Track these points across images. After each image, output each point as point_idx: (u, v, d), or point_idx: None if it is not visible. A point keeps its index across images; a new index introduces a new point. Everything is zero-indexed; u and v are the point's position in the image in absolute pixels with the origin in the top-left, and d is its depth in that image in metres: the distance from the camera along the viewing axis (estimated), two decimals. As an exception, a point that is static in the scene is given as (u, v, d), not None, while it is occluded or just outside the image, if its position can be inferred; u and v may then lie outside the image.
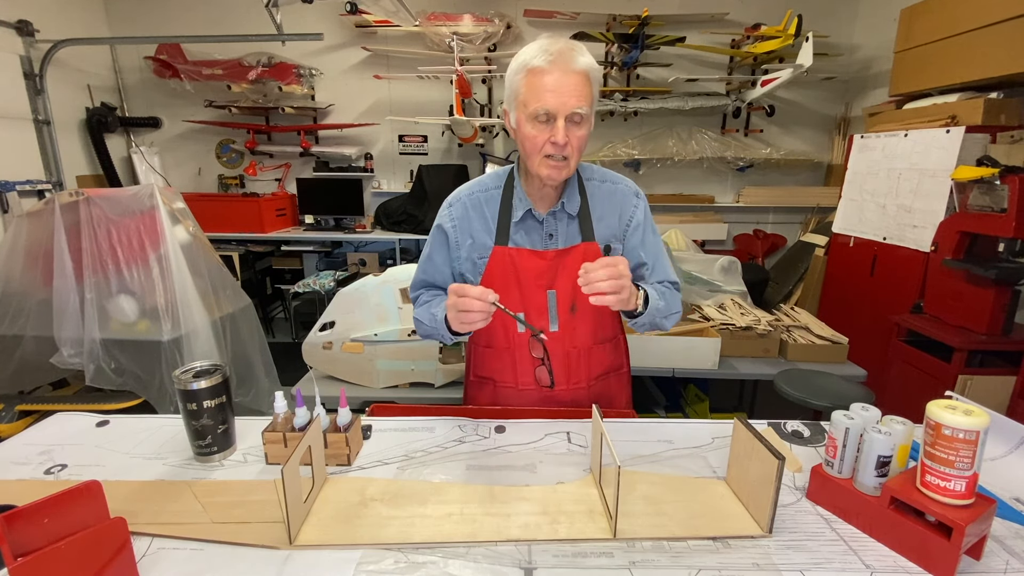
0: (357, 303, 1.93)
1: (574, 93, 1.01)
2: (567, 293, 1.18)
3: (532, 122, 1.05)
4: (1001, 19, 2.44)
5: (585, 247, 1.17)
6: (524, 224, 1.18)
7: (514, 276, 1.17)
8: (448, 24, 3.94)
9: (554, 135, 1.03)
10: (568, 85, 1.01)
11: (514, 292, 1.18)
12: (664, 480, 0.94)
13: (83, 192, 2.12)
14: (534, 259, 1.17)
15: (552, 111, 1.02)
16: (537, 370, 1.22)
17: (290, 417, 1.00)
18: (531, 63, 1.03)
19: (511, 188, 1.20)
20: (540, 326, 1.19)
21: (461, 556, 0.75)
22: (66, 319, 2.12)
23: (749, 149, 4.25)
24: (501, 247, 1.17)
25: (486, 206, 1.20)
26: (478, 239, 1.19)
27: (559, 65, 1.01)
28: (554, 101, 1.01)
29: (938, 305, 2.49)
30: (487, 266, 1.18)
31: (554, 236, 1.18)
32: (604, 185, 1.22)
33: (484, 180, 1.24)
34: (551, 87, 1.01)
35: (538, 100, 1.02)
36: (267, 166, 4.53)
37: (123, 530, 0.69)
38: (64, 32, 3.49)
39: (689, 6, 3.98)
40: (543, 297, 1.19)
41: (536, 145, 1.06)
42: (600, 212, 1.20)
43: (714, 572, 0.72)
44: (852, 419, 0.82)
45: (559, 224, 1.18)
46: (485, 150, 4.37)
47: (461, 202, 1.22)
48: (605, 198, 1.21)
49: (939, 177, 2.54)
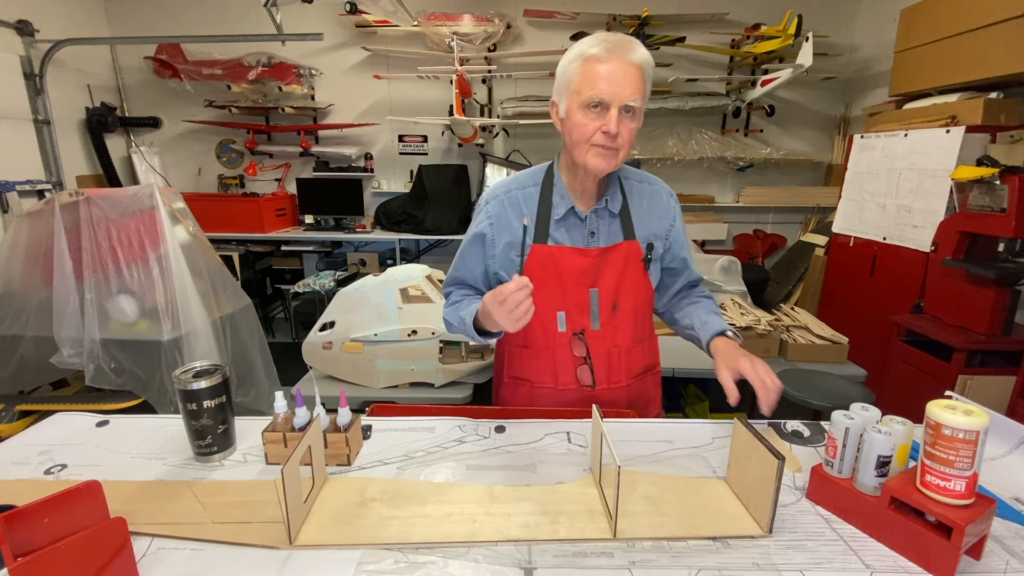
0: (357, 303, 1.93)
1: (629, 84, 1.00)
2: (610, 291, 1.17)
3: (584, 110, 1.03)
4: (1001, 19, 2.43)
5: (627, 246, 1.17)
6: (565, 222, 1.17)
7: (555, 274, 1.16)
8: (448, 24, 3.94)
9: (606, 124, 1.01)
10: (624, 75, 1.00)
11: (555, 290, 1.17)
12: (664, 480, 0.94)
13: (83, 192, 2.12)
14: (577, 257, 1.16)
15: (606, 100, 1.00)
16: (579, 369, 1.21)
17: (290, 417, 1.00)
18: (588, 51, 1.02)
19: (550, 185, 1.18)
20: (582, 325, 1.18)
21: (461, 556, 0.75)
22: (66, 319, 2.12)
23: (749, 149, 4.25)
24: (541, 245, 1.16)
25: (524, 204, 1.18)
26: (516, 237, 1.17)
27: (616, 55, 1.00)
28: (609, 90, 1.00)
29: (938, 305, 2.49)
30: (525, 264, 1.16)
31: (596, 234, 1.17)
32: (643, 185, 1.22)
33: (521, 178, 1.22)
34: (606, 75, 1.00)
35: (592, 87, 1.01)
36: (267, 166, 4.53)
37: (123, 530, 0.69)
38: (64, 32, 3.49)
39: (689, 6, 3.98)
40: (585, 295, 1.18)
41: (585, 134, 1.04)
42: (639, 211, 1.20)
43: (714, 572, 0.72)
44: (852, 419, 0.82)
45: (601, 222, 1.17)
46: (485, 150, 4.37)
47: (498, 199, 1.20)
48: (644, 197, 1.21)
49: (939, 177, 2.54)
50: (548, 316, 1.18)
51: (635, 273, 1.19)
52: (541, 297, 1.11)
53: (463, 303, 1.19)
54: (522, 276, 0.95)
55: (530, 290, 0.95)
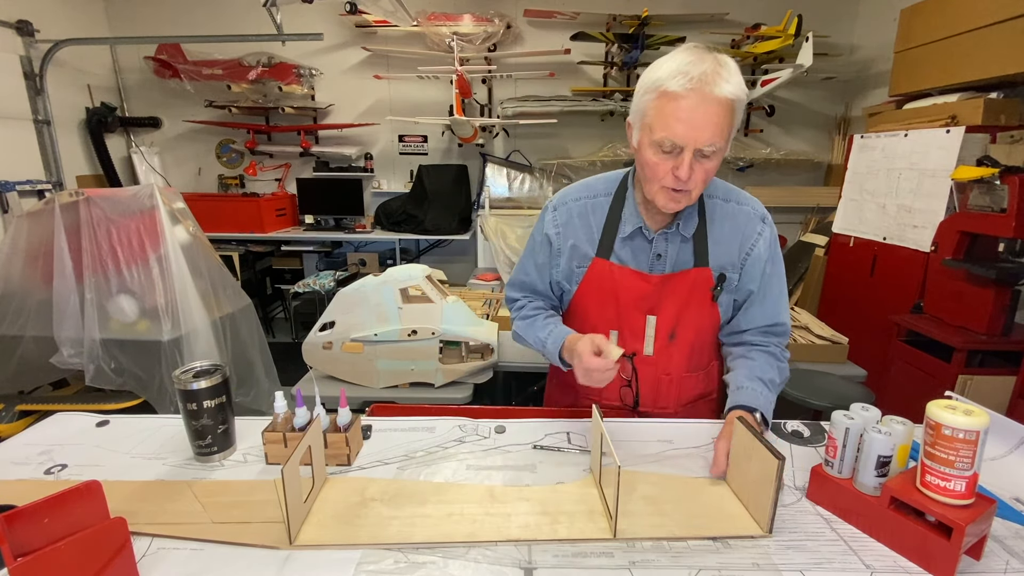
0: (357, 303, 1.93)
1: (709, 126, 0.88)
2: (668, 319, 1.11)
3: (655, 149, 0.93)
4: (1001, 19, 2.43)
5: (696, 273, 1.08)
6: (632, 241, 1.09)
7: (612, 294, 1.11)
8: (448, 24, 3.94)
9: (677, 168, 0.91)
10: (704, 116, 0.88)
11: (610, 310, 1.12)
12: (664, 480, 0.94)
13: (83, 192, 2.12)
14: (637, 281, 1.09)
15: (680, 143, 0.90)
16: (622, 389, 1.17)
17: (290, 417, 1.00)
18: (665, 85, 0.89)
19: (622, 199, 1.10)
20: (634, 348, 1.13)
21: (461, 556, 0.75)
22: (66, 319, 2.13)
23: (749, 149, 4.25)
24: (602, 260, 1.10)
25: (592, 214, 1.11)
26: (580, 247, 1.11)
27: (698, 92, 0.87)
28: (684, 133, 0.89)
29: (938, 305, 2.49)
30: (584, 277, 1.12)
31: (662, 257, 1.09)
32: (728, 205, 1.10)
33: (593, 184, 1.15)
34: (684, 116, 0.88)
35: (665, 129, 0.90)
36: (267, 166, 4.53)
37: (123, 530, 0.69)
38: (64, 32, 3.49)
39: (689, 6, 3.98)
40: (641, 321, 1.11)
41: (656, 174, 0.95)
42: (718, 235, 1.08)
43: (714, 572, 0.72)
44: (852, 419, 0.82)
45: (670, 246, 1.08)
46: (485, 150, 4.37)
47: (567, 207, 1.13)
48: (726, 220, 1.09)
49: (939, 177, 2.54)
50: (601, 332, 1.09)
51: (700, 303, 1.10)
52: (595, 313, 1.07)
53: (538, 320, 1.15)
54: (616, 351, 0.92)
55: (616, 369, 0.93)
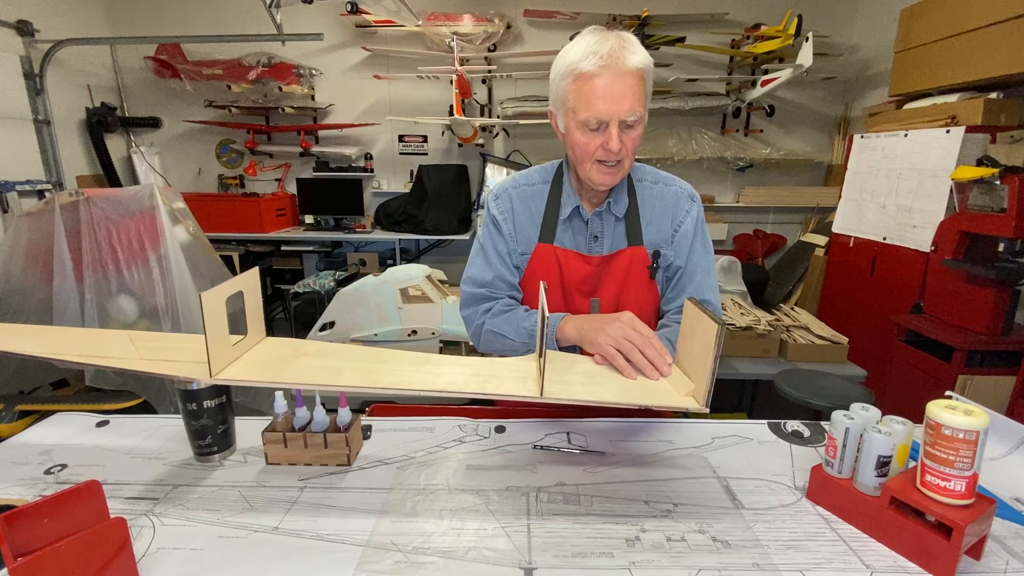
0: (357, 303, 1.93)
1: (628, 97, 0.93)
2: (611, 301, 1.13)
3: (583, 129, 0.98)
4: (1001, 19, 2.43)
5: (632, 252, 1.11)
6: (571, 223, 1.12)
7: (558, 278, 1.12)
8: (448, 24, 3.94)
9: (607, 142, 0.96)
10: (622, 89, 0.93)
11: (557, 295, 1.13)
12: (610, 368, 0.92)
13: (83, 192, 2.12)
14: (579, 263, 1.11)
15: (604, 119, 0.94)
16: None
17: (290, 417, 1.00)
18: (579, 67, 0.94)
19: (559, 185, 1.13)
20: None
21: (461, 556, 0.75)
22: (66, 319, 2.13)
23: (749, 149, 4.25)
24: (546, 244, 1.11)
25: (532, 201, 1.14)
26: (523, 234, 1.14)
27: (610, 68, 0.92)
28: (607, 108, 0.93)
29: (938, 305, 2.49)
30: (529, 264, 1.13)
31: (599, 238, 1.12)
32: (656, 186, 1.14)
33: (530, 174, 1.18)
34: (602, 93, 0.93)
35: (589, 108, 0.94)
36: (267, 166, 4.53)
37: (123, 530, 0.69)
38: (64, 32, 3.49)
39: (689, 6, 3.98)
40: (585, 305, 1.13)
41: (587, 152, 1.00)
42: (650, 215, 1.12)
43: (714, 572, 0.72)
44: (852, 419, 0.82)
45: (605, 225, 1.12)
46: (485, 150, 4.37)
47: (507, 194, 1.16)
48: (656, 200, 1.13)
49: (939, 177, 2.54)
50: None
51: (638, 282, 1.13)
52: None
53: (517, 312, 1.12)
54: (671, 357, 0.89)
55: (672, 360, 0.90)
